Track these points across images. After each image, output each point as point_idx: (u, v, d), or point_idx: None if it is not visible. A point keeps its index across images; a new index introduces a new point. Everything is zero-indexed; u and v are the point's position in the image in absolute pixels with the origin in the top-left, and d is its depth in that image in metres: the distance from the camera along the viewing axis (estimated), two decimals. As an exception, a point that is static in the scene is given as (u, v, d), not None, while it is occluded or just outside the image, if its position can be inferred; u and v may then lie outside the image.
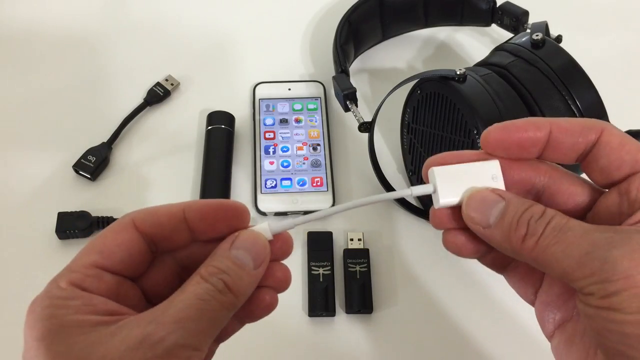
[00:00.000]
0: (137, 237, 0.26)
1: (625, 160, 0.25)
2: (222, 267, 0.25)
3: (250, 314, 0.27)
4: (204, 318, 0.23)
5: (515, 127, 0.26)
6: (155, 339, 0.22)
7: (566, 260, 0.23)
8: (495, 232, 0.26)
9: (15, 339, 0.46)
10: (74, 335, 0.22)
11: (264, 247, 0.26)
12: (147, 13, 0.66)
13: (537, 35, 0.46)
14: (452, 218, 0.28)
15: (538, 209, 0.25)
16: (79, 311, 0.23)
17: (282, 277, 0.28)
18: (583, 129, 0.26)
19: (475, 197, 0.26)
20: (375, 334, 0.47)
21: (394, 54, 0.64)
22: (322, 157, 0.55)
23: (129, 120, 0.57)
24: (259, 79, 0.60)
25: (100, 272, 0.25)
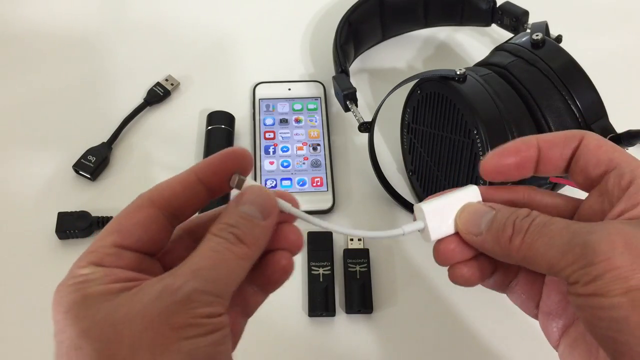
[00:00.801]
0: (154, 214, 0.26)
1: (601, 159, 0.27)
2: (231, 222, 0.25)
3: (270, 280, 0.28)
4: (219, 267, 0.24)
5: (508, 151, 0.28)
6: (174, 288, 0.23)
7: (550, 252, 0.24)
8: (487, 238, 0.27)
9: (15, 338, 0.46)
10: (98, 303, 0.23)
11: (270, 199, 0.27)
12: (147, 13, 0.67)
13: (537, 35, 0.46)
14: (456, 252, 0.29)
15: (523, 211, 0.27)
16: (101, 282, 0.24)
17: (294, 238, 0.28)
18: (566, 139, 0.28)
19: (468, 209, 0.28)
20: (375, 334, 0.47)
21: (394, 54, 0.64)
22: (322, 157, 0.55)
23: (129, 120, 0.57)
24: (259, 79, 0.60)
25: (119, 251, 0.25)
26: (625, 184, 0.26)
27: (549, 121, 0.43)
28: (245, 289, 0.29)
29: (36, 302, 0.47)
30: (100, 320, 0.23)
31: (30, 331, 0.46)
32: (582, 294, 0.23)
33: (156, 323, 0.22)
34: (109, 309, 0.23)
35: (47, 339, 0.47)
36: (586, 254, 0.23)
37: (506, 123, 0.42)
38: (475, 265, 0.29)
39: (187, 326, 0.23)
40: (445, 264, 0.29)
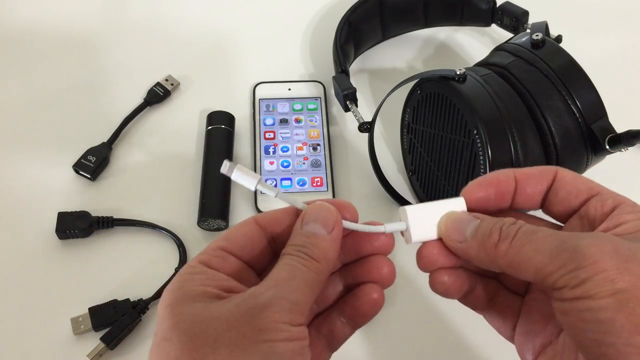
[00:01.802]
0: (257, 229, 0.29)
1: (581, 189, 0.28)
2: (298, 243, 0.27)
3: (360, 312, 0.30)
4: (296, 277, 0.26)
5: (488, 182, 0.29)
6: (257, 294, 0.25)
7: (538, 257, 0.25)
8: (471, 244, 0.28)
9: (15, 338, 0.46)
10: (194, 302, 0.25)
11: (330, 212, 0.28)
12: (147, 13, 0.67)
13: (537, 35, 0.46)
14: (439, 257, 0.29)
15: (510, 219, 0.27)
16: (203, 283, 0.26)
17: (386, 271, 0.30)
18: (540, 172, 0.29)
19: (453, 217, 0.29)
20: (375, 334, 0.47)
21: (394, 54, 0.64)
22: (322, 157, 0.55)
23: (129, 120, 0.57)
24: (259, 79, 0.60)
25: (225, 254, 0.28)
26: (607, 209, 0.27)
27: (549, 121, 0.43)
28: (334, 320, 0.30)
29: (36, 302, 0.47)
30: (190, 316, 0.25)
31: (30, 331, 0.46)
32: (569, 298, 0.24)
33: (239, 323, 0.24)
34: (200, 308, 0.25)
35: (47, 338, 0.47)
36: (575, 257, 0.23)
37: (506, 123, 0.42)
38: (455, 274, 0.30)
39: (268, 330, 0.24)
40: (427, 269, 0.30)
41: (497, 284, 0.32)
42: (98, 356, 0.44)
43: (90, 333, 0.45)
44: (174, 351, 0.24)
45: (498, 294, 0.31)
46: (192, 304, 0.25)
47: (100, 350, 0.44)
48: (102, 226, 0.50)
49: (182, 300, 0.26)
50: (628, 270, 0.23)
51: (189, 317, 0.25)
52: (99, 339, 0.44)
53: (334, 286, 0.31)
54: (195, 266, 0.27)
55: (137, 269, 0.49)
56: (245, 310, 0.24)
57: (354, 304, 0.30)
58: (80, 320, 0.45)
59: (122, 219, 0.51)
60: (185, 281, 0.27)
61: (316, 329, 0.30)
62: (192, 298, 0.26)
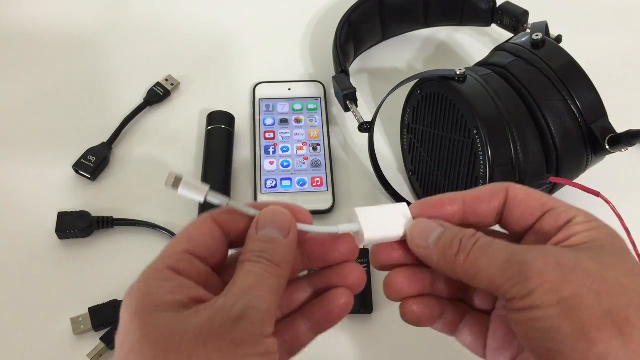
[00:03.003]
0: (216, 229, 0.28)
1: (534, 206, 0.29)
2: (257, 249, 0.27)
3: (328, 316, 0.30)
4: (262, 285, 0.26)
5: (432, 205, 0.30)
6: (228, 306, 0.24)
7: (491, 269, 0.26)
8: (434, 252, 0.28)
9: (15, 338, 0.46)
10: (163, 312, 0.24)
11: (285, 216, 0.28)
12: (148, 13, 0.67)
13: (537, 35, 0.46)
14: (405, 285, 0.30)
15: (469, 231, 0.28)
16: (172, 291, 0.25)
17: (356, 277, 0.30)
18: (491, 193, 0.29)
19: (419, 224, 0.30)
20: (375, 334, 0.47)
21: (394, 54, 0.64)
22: (322, 157, 0.55)
23: (129, 120, 0.57)
24: (259, 79, 0.60)
25: (192, 258, 0.27)
26: (561, 223, 0.28)
27: (549, 121, 0.43)
28: (299, 325, 0.30)
29: (36, 302, 0.47)
30: (162, 328, 0.24)
31: (30, 331, 0.46)
32: (519, 309, 0.25)
33: (214, 338, 0.23)
34: (172, 319, 0.24)
35: (47, 338, 0.47)
36: (522, 270, 0.25)
37: (506, 123, 0.42)
38: (424, 302, 0.31)
39: (244, 343, 0.24)
40: (394, 298, 0.31)
41: (464, 306, 0.32)
42: (98, 356, 0.44)
43: (90, 333, 0.45)
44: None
45: (466, 315, 0.32)
46: (161, 314, 0.24)
47: (100, 350, 0.44)
48: (102, 226, 0.50)
49: (150, 309, 0.25)
50: (570, 280, 0.24)
51: (160, 328, 0.24)
52: (99, 339, 0.44)
53: (301, 292, 0.31)
54: (163, 271, 0.26)
55: (137, 269, 0.49)
56: (220, 323, 0.24)
57: (324, 308, 0.30)
58: (80, 320, 0.45)
59: (122, 219, 0.51)
60: (153, 287, 0.26)
61: (278, 334, 0.30)
62: (161, 307, 0.25)
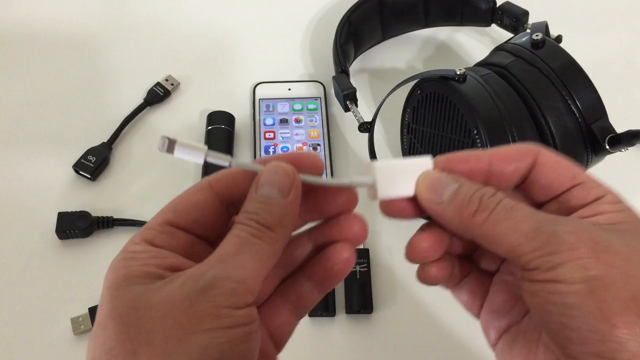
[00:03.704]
0: (212, 197, 0.26)
1: (564, 176, 0.27)
2: (250, 209, 0.25)
3: (329, 274, 0.27)
4: (244, 252, 0.23)
5: (457, 160, 0.28)
6: (197, 276, 0.23)
7: (514, 235, 0.24)
8: (447, 208, 0.26)
9: (15, 337, 0.46)
10: (134, 284, 0.23)
11: (287, 173, 0.25)
12: (147, 13, 0.67)
13: (537, 35, 0.46)
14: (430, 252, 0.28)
15: (490, 189, 0.26)
16: (145, 263, 0.24)
17: (357, 228, 0.28)
18: (519, 155, 0.27)
19: (430, 177, 0.27)
20: (375, 334, 0.47)
21: (394, 54, 0.64)
22: (322, 157, 0.55)
23: (129, 120, 0.57)
24: (259, 79, 0.60)
25: (174, 230, 0.25)
26: (590, 200, 0.26)
27: (549, 121, 0.43)
28: (301, 285, 0.28)
29: (36, 302, 0.47)
30: (128, 302, 0.23)
31: (30, 331, 0.46)
32: (540, 280, 0.23)
33: (176, 311, 0.22)
34: (139, 292, 0.23)
35: (47, 338, 0.47)
36: (552, 242, 0.23)
37: (506, 123, 0.42)
38: (442, 265, 0.29)
39: (207, 316, 0.22)
40: (416, 262, 0.29)
41: (470, 264, 0.31)
42: (98, 356, 0.44)
43: (90, 333, 0.45)
44: (108, 341, 0.22)
45: (470, 273, 0.31)
46: (130, 287, 0.23)
47: (100, 350, 0.44)
48: (102, 226, 0.50)
49: (122, 282, 0.23)
50: (603, 259, 0.23)
51: (125, 302, 0.23)
52: (99, 339, 0.44)
53: (302, 248, 0.28)
54: (138, 244, 0.25)
55: (137, 269, 0.49)
56: (184, 295, 0.22)
57: (324, 265, 0.27)
58: (80, 320, 0.45)
59: (122, 219, 0.50)
60: (127, 260, 0.24)
61: (282, 295, 0.28)
62: (132, 280, 0.23)
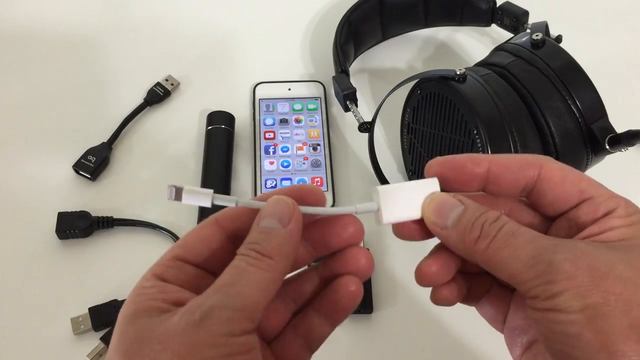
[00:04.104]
0: (218, 232, 0.27)
1: (570, 193, 0.26)
2: (251, 239, 0.25)
3: (337, 306, 0.28)
4: (241, 280, 0.24)
5: (453, 163, 0.28)
6: (194, 307, 0.23)
7: (514, 263, 0.24)
8: (452, 233, 0.27)
9: (16, 337, 0.46)
10: (137, 319, 0.24)
11: (287, 205, 0.26)
12: (147, 13, 0.67)
13: (537, 35, 0.46)
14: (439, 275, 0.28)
15: (493, 214, 0.26)
16: (152, 298, 0.24)
17: (364, 262, 0.28)
18: (521, 165, 0.27)
19: (436, 200, 0.27)
20: (375, 334, 0.47)
21: (394, 54, 0.64)
22: (322, 157, 0.55)
23: (129, 120, 0.57)
24: (259, 79, 0.60)
25: (181, 264, 0.26)
26: (600, 214, 0.26)
27: (549, 121, 0.43)
28: (311, 318, 0.29)
29: (36, 302, 0.47)
30: (132, 335, 0.23)
31: (30, 331, 0.46)
32: (540, 309, 0.24)
33: (175, 342, 0.22)
34: (143, 326, 0.23)
35: (47, 338, 0.47)
36: (549, 271, 0.23)
37: (506, 123, 0.42)
38: (455, 285, 0.29)
39: (205, 346, 0.22)
40: (426, 286, 0.29)
41: (490, 279, 0.31)
42: (98, 356, 0.44)
43: (90, 333, 0.45)
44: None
45: (491, 288, 0.31)
46: (136, 321, 0.24)
47: (100, 350, 0.44)
48: (102, 226, 0.50)
49: (130, 317, 0.24)
50: (601, 286, 0.23)
51: (130, 336, 0.23)
52: (99, 339, 0.44)
53: (310, 282, 0.29)
54: (148, 279, 0.25)
55: (137, 269, 0.49)
56: (182, 327, 0.22)
57: (331, 298, 0.28)
58: (80, 320, 0.45)
59: (122, 219, 0.51)
60: (137, 296, 0.25)
61: (293, 329, 0.29)
62: (139, 315, 0.24)
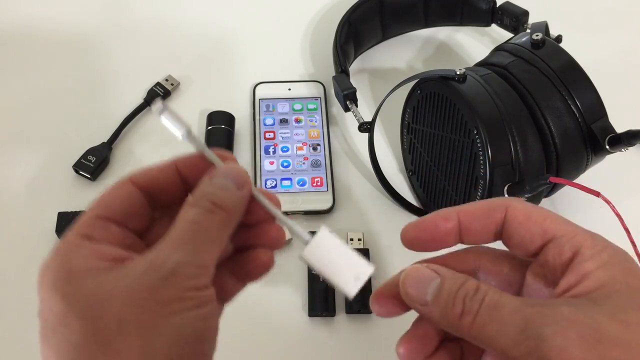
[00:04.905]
0: (134, 191, 0.27)
1: (534, 232, 0.26)
2: (207, 190, 0.26)
3: (250, 274, 0.29)
4: (200, 237, 0.24)
5: (425, 226, 0.28)
6: (158, 264, 0.23)
7: (503, 339, 0.24)
8: (433, 310, 0.26)
9: (15, 337, 0.46)
10: (83, 278, 0.23)
11: (242, 172, 0.27)
12: (147, 13, 0.67)
13: (537, 35, 0.46)
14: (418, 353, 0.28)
15: (472, 285, 0.25)
16: (86, 258, 0.24)
17: (275, 235, 0.28)
18: (487, 210, 0.27)
19: (412, 275, 0.27)
20: (375, 334, 0.47)
21: (394, 54, 0.64)
22: (322, 157, 0.55)
23: (129, 120, 0.57)
24: (259, 79, 0.60)
25: (106, 223, 0.26)
26: (566, 259, 0.25)
27: (549, 121, 0.43)
28: (225, 278, 0.29)
29: (36, 302, 0.47)
30: (86, 296, 0.23)
31: (29, 331, 0.46)
32: None
33: (143, 300, 0.23)
34: (94, 285, 0.23)
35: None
36: (541, 348, 0.23)
37: (506, 123, 0.42)
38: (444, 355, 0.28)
39: (174, 300, 0.23)
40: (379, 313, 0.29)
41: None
42: (98, 356, 0.44)
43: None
44: (74, 337, 0.22)
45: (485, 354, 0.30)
46: (82, 282, 0.23)
47: (100, 350, 0.44)
48: (102, 226, 0.50)
49: (68, 279, 0.23)
50: (597, 355, 0.22)
51: (84, 296, 0.23)
52: (99, 339, 0.44)
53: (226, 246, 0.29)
54: (73, 240, 0.25)
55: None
56: (149, 284, 0.23)
57: (245, 267, 0.28)
58: (80, 320, 0.45)
59: (122, 219, 0.51)
60: (66, 257, 0.24)
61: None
62: (80, 275, 0.23)
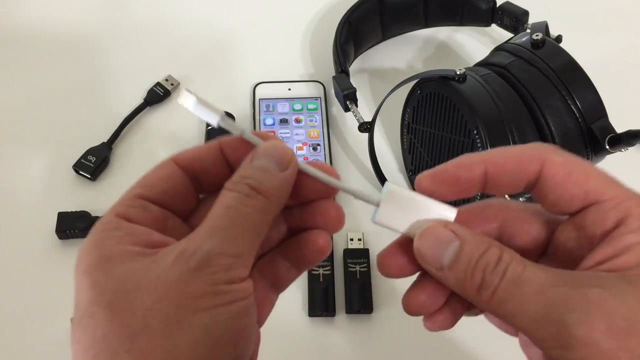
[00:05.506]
0: (178, 171, 0.26)
1: (574, 194, 0.23)
2: (245, 174, 0.24)
3: (305, 259, 0.27)
4: (236, 224, 0.22)
5: (444, 176, 0.25)
6: (189, 253, 0.21)
7: (523, 318, 0.22)
8: (449, 276, 0.24)
9: (16, 337, 0.46)
10: (113, 265, 0.22)
11: (286, 150, 0.25)
12: (147, 13, 0.67)
13: (537, 35, 0.46)
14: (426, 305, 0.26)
15: (494, 255, 0.23)
16: (121, 241, 0.23)
17: (334, 215, 0.26)
18: (520, 162, 0.24)
19: (428, 234, 0.24)
20: (375, 334, 0.47)
21: (394, 54, 0.64)
22: (322, 157, 0.55)
23: (129, 120, 0.57)
24: (259, 79, 0.60)
25: (146, 203, 0.25)
26: (609, 226, 0.23)
27: (549, 121, 0.43)
28: (278, 264, 0.27)
29: (36, 302, 0.47)
30: (114, 286, 0.21)
31: (30, 330, 0.46)
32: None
33: (171, 292, 0.21)
34: (124, 274, 0.22)
35: (47, 338, 0.47)
36: (565, 335, 0.21)
37: (506, 123, 0.42)
38: (448, 311, 0.26)
39: (205, 295, 0.21)
40: (416, 315, 0.27)
41: None
42: (98, 356, 0.44)
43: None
44: (100, 329, 0.21)
45: None
46: (113, 268, 0.22)
47: (100, 350, 0.44)
48: (102, 226, 0.50)
49: (100, 264, 0.22)
50: (626, 348, 0.20)
51: (112, 286, 0.21)
52: (99, 339, 0.44)
53: (278, 228, 0.27)
54: (111, 221, 0.23)
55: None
56: (178, 275, 0.21)
57: (300, 251, 0.26)
58: (80, 320, 0.45)
59: (122, 219, 0.50)
60: (101, 240, 0.23)
61: (260, 272, 0.27)
62: (112, 260, 0.22)
